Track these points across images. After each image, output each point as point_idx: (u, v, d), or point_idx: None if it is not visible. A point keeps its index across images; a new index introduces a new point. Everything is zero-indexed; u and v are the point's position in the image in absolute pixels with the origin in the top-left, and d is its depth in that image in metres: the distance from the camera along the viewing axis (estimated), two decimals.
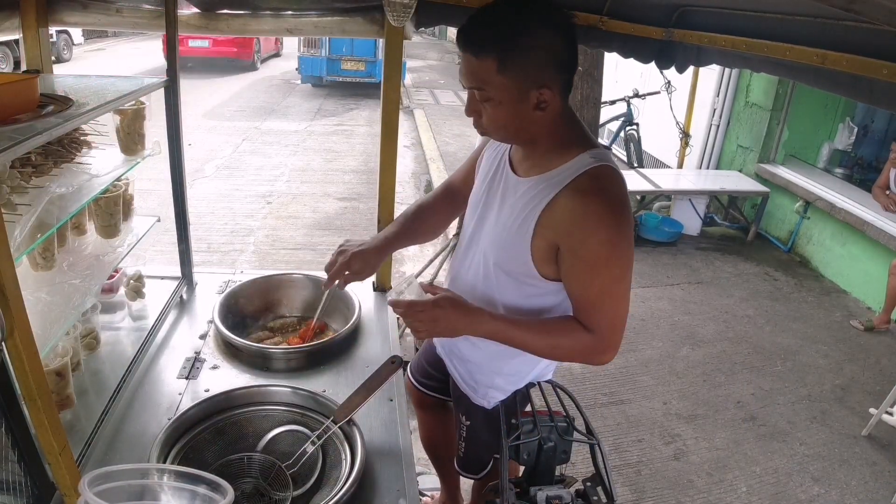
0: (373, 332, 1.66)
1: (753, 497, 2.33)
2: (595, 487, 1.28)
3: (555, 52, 1.02)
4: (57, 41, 10.92)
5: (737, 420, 2.76)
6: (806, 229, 4.53)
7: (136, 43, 14.35)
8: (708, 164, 5.40)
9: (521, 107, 1.05)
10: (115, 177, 1.34)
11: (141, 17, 1.59)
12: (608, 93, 5.05)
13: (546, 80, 1.03)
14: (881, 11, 0.62)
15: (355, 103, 9.59)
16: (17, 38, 1.43)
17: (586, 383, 2.97)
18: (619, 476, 2.37)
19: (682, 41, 1.41)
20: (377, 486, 1.16)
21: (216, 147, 6.68)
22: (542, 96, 1.04)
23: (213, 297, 1.74)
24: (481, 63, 1.01)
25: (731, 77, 5.08)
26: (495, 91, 1.03)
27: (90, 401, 1.28)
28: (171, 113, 1.55)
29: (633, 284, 1.37)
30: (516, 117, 1.07)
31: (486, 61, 1.00)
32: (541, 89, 1.03)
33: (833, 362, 3.26)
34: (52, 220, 1.10)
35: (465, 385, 1.40)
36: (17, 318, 0.81)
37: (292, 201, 5.27)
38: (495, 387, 1.35)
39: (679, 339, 3.41)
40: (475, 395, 1.38)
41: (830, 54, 0.97)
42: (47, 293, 1.19)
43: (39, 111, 1.00)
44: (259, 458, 1.17)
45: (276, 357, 1.50)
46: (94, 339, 1.42)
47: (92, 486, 0.82)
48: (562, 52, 1.03)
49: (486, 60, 1.00)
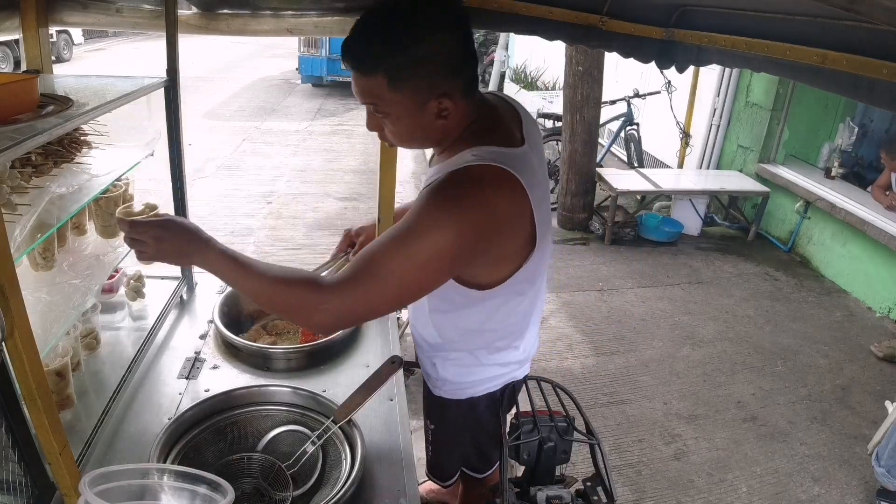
0: (373, 332, 1.66)
1: (754, 497, 2.33)
2: (595, 487, 1.28)
3: (449, 56, 0.95)
4: (57, 41, 10.94)
5: (737, 420, 2.76)
6: (806, 229, 4.53)
7: (136, 43, 14.35)
8: (708, 164, 5.40)
9: (421, 118, 0.99)
10: (115, 177, 1.34)
11: (141, 17, 1.59)
12: (608, 93, 5.05)
13: (444, 89, 0.96)
14: (881, 11, 0.62)
15: (355, 103, 9.47)
16: (17, 38, 1.43)
17: (586, 383, 2.97)
18: (619, 476, 2.37)
19: (683, 41, 1.41)
20: (377, 486, 1.16)
21: (216, 147, 6.68)
22: (442, 105, 0.97)
23: (213, 297, 1.74)
24: (371, 80, 0.95)
25: (731, 77, 5.07)
26: (390, 107, 0.97)
27: (90, 401, 1.28)
28: (171, 113, 1.55)
29: (633, 284, 1.37)
30: (418, 128, 1.01)
31: (375, 78, 0.94)
32: (440, 99, 0.97)
33: (833, 362, 3.26)
34: (52, 220, 1.10)
35: (424, 372, 1.38)
36: (18, 318, 0.81)
37: (292, 201, 5.27)
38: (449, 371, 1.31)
39: (679, 339, 3.41)
40: (430, 382, 1.36)
41: (830, 54, 0.97)
42: (47, 293, 1.19)
43: (39, 111, 1.00)
44: (259, 458, 1.17)
45: (276, 357, 1.50)
46: (94, 339, 1.42)
47: (92, 486, 0.82)
48: (457, 54, 0.97)
49: (375, 78, 0.94)
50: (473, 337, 1.25)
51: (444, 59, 0.95)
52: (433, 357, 1.33)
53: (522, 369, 1.37)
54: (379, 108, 0.99)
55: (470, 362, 1.28)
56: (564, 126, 4.78)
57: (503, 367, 1.31)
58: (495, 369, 1.31)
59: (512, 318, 1.21)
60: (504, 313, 1.19)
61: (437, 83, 0.96)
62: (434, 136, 1.05)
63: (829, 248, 4.30)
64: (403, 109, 0.98)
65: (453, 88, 0.98)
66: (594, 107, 4.68)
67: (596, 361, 3.17)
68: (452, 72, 0.97)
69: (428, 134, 1.03)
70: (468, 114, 1.04)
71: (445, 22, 0.95)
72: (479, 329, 1.22)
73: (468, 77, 1.00)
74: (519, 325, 1.26)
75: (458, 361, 1.29)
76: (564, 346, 3.27)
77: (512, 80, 9.87)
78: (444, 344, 1.28)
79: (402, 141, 1.06)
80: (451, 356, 1.29)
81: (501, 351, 1.28)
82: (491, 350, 1.27)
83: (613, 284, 3.96)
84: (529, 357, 1.37)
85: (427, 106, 0.97)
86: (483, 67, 11.22)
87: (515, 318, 1.22)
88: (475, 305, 1.16)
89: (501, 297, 1.14)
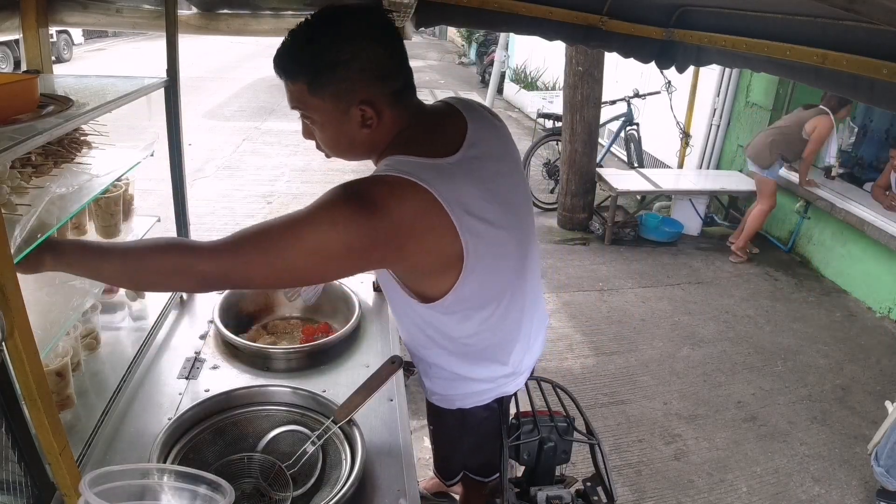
0: (373, 332, 1.66)
1: (754, 497, 2.33)
2: (595, 487, 1.28)
3: (371, 63, 0.96)
4: (57, 41, 10.94)
5: (737, 420, 2.76)
6: (806, 229, 4.53)
7: (136, 43, 14.35)
8: (708, 164, 5.40)
9: (345, 126, 1.00)
10: (115, 177, 1.34)
11: (141, 17, 1.59)
12: (608, 93, 5.06)
13: (366, 96, 0.97)
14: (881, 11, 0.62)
15: None
16: (17, 38, 1.43)
17: (586, 383, 2.97)
18: (619, 476, 2.37)
19: (683, 41, 1.41)
20: (377, 486, 1.16)
21: (216, 147, 6.68)
22: (366, 113, 0.98)
23: (213, 296, 1.74)
24: (295, 86, 0.98)
25: (731, 77, 5.08)
26: (314, 113, 1.00)
27: (90, 401, 1.28)
28: (171, 113, 1.55)
29: (633, 284, 1.37)
30: (343, 136, 1.02)
31: (297, 84, 0.98)
32: (361, 106, 0.97)
33: (833, 362, 3.26)
34: (52, 220, 1.10)
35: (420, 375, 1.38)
36: (18, 318, 0.81)
37: (292, 201, 5.27)
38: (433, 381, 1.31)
39: (679, 339, 3.41)
40: (423, 388, 1.36)
41: (830, 54, 0.97)
42: (47, 293, 1.19)
43: (39, 111, 1.00)
44: (259, 458, 1.17)
45: (276, 357, 1.50)
46: (94, 340, 1.42)
47: (92, 486, 0.82)
48: (381, 62, 0.97)
49: (297, 84, 0.98)
50: (444, 350, 1.22)
51: (365, 66, 0.95)
52: (419, 365, 1.33)
53: (514, 383, 1.32)
54: (305, 114, 1.02)
55: (449, 376, 1.27)
56: (564, 126, 4.78)
57: (489, 382, 1.28)
58: (480, 384, 1.28)
59: (484, 333, 1.18)
60: (471, 328, 1.16)
61: (359, 90, 0.97)
62: (360, 147, 1.05)
63: (829, 248, 4.30)
64: (326, 115, 1.00)
65: (377, 96, 0.98)
66: (594, 107, 4.68)
67: (596, 361, 3.17)
68: (376, 79, 0.97)
69: (353, 143, 1.04)
70: (396, 123, 1.03)
71: (369, 31, 0.97)
72: (447, 342, 1.20)
73: (395, 86, 1.01)
74: (498, 338, 1.21)
75: (439, 374, 1.28)
76: (564, 346, 3.27)
77: (512, 80, 9.88)
78: (421, 356, 1.28)
79: (332, 149, 1.07)
80: (432, 368, 1.28)
81: (484, 365, 1.24)
82: (470, 365, 1.24)
83: (613, 284, 3.96)
84: (521, 371, 1.31)
85: (350, 113, 0.98)
86: (483, 67, 11.24)
87: (488, 333, 1.18)
88: (432, 318, 1.15)
89: (458, 313, 1.12)
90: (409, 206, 0.93)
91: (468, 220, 0.98)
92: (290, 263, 0.93)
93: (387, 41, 0.98)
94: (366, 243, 0.92)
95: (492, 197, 1.05)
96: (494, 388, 1.29)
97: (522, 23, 1.57)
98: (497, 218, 1.06)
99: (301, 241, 0.91)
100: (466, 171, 1.01)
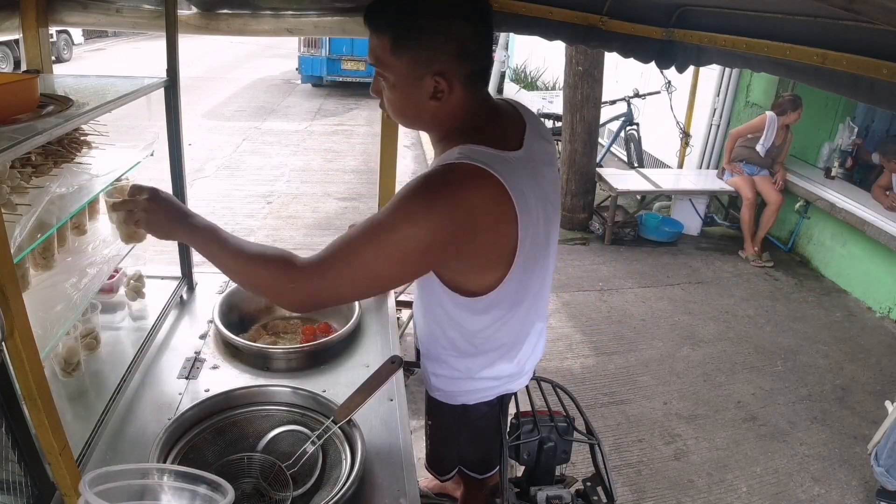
0: (373, 332, 1.66)
1: (754, 497, 2.33)
2: (595, 487, 1.29)
3: (457, 39, 0.96)
4: (57, 41, 10.94)
5: (737, 420, 2.76)
6: (806, 229, 4.53)
7: (136, 43, 14.36)
8: (708, 163, 5.40)
9: (415, 93, 1.00)
10: (115, 177, 1.34)
11: (141, 17, 1.59)
12: (608, 93, 5.06)
13: (443, 68, 0.97)
14: (881, 11, 0.62)
15: (355, 103, 9.58)
16: (17, 38, 1.43)
17: (586, 383, 2.97)
18: (619, 476, 2.37)
19: (682, 41, 1.41)
20: (377, 486, 1.16)
21: (216, 147, 6.68)
22: (439, 85, 0.98)
23: (213, 297, 1.74)
24: (379, 40, 0.98)
25: (731, 77, 5.07)
26: (389, 71, 0.99)
27: (90, 401, 1.28)
28: (171, 113, 1.55)
29: (633, 284, 1.37)
30: (410, 103, 1.02)
31: (382, 39, 0.97)
32: (436, 77, 0.97)
33: (833, 362, 3.26)
34: (52, 220, 1.10)
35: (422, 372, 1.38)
36: (17, 318, 0.81)
37: (292, 201, 5.27)
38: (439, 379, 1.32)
39: (679, 339, 3.41)
40: (426, 382, 1.36)
41: (830, 54, 0.97)
42: (47, 293, 1.19)
43: (39, 111, 1.00)
44: (259, 458, 1.17)
45: (276, 357, 1.50)
46: (94, 339, 1.42)
47: (92, 486, 0.82)
48: (468, 42, 0.97)
49: (382, 38, 0.97)
50: (459, 350, 1.23)
51: (450, 40, 0.96)
52: (426, 362, 1.33)
53: (518, 382, 1.33)
54: (380, 71, 1.01)
55: (459, 375, 1.27)
56: (564, 126, 4.79)
57: (495, 381, 1.29)
58: (486, 382, 1.28)
59: (505, 329, 1.19)
60: (495, 327, 1.17)
61: (438, 60, 0.96)
62: (424, 117, 1.05)
63: (829, 248, 4.30)
64: (400, 78, 0.99)
65: (453, 71, 0.98)
66: (594, 107, 4.69)
67: (596, 361, 3.17)
68: (456, 55, 0.97)
69: (419, 112, 1.03)
70: (464, 106, 1.03)
71: (463, 8, 0.96)
72: (465, 342, 1.21)
73: (473, 68, 1.01)
74: (513, 337, 1.23)
75: (448, 373, 1.28)
76: (564, 346, 3.27)
77: (512, 80, 9.87)
78: (434, 354, 1.28)
79: (396, 112, 1.06)
80: (441, 367, 1.28)
81: (493, 364, 1.25)
82: (481, 364, 1.25)
83: (613, 284, 3.96)
84: (525, 370, 1.33)
85: (423, 81, 0.98)
86: None
87: (509, 329, 1.20)
88: (460, 317, 1.15)
89: (495, 309, 1.13)
90: (484, 196, 0.95)
91: (525, 216, 0.99)
92: (376, 272, 0.96)
93: (477, 21, 0.98)
94: (445, 235, 0.94)
95: (543, 198, 1.07)
96: (499, 385, 1.30)
97: (522, 23, 1.57)
98: (542, 220, 1.08)
99: (385, 249, 0.93)
100: (527, 168, 1.03)
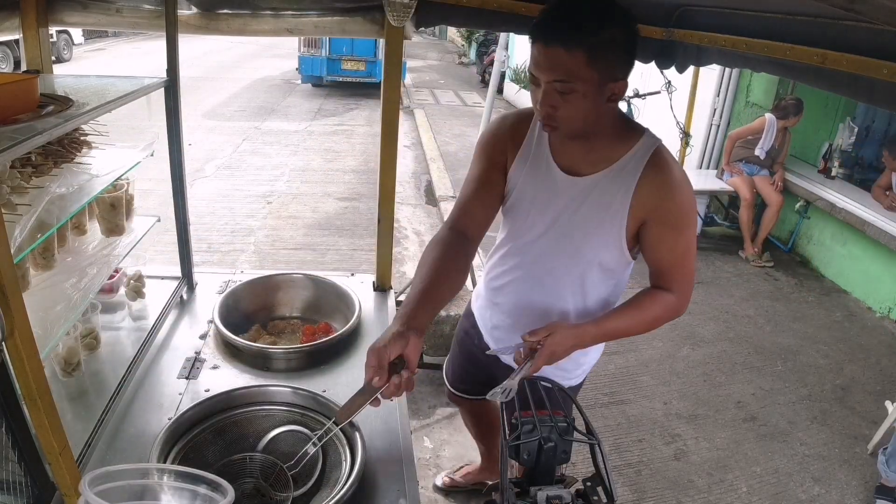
0: (373, 332, 1.66)
1: (754, 497, 2.33)
2: (595, 487, 1.28)
3: (628, 45, 1.06)
4: (57, 41, 10.94)
5: (737, 420, 2.76)
6: (806, 229, 4.53)
7: (136, 43, 14.36)
8: (708, 164, 5.40)
9: (598, 99, 1.07)
10: (115, 177, 1.34)
11: (141, 17, 1.59)
12: None
13: (623, 74, 1.07)
14: (881, 11, 0.62)
15: (355, 103, 9.59)
16: (17, 38, 1.43)
17: (586, 383, 2.95)
18: (619, 476, 2.37)
19: (683, 41, 1.40)
20: (377, 486, 1.16)
21: (216, 147, 6.68)
22: (617, 88, 1.07)
23: (213, 297, 1.74)
24: (571, 56, 1.01)
25: (731, 77, 5.07)
26: (581, 84, 1.04)
27: (90, 401, 1.28)
28: (171, 113, 1.55)
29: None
30: (593, 110, 1.08)
31: (576, 54, 1.01)
32: (617, 82, 1.06)
33: (833, 362, 3.26)
34: (52, 220, 1.10)
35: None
36: (17, 318, 0.81)
37: (292, 201, 5.27)
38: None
39: (679, 339, 3.40)
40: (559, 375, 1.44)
41: (830, 54, 0.97)
42: (47, 293, 1.19)
43: (39, 111, 1.00)
44: (260, 458, 1.17)
45: (276, 357, 1.50)
46: (94, 339, 1.42)
47: (92, 485, 0.82)
48: (630, 46, 1.07)
49: (576, 53, 1.01)
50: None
51: (626, 47, 1.05)
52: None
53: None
54: (567, 84, 1.04)
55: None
56: None
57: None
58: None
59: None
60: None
61: (619, 68, 1.06)
62: (597, 120, 1.12)
63: (829, 248, 4.30)
64: (592, 88, 1.05)
65: (626, 76, 1.09)
66: None
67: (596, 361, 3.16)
68: (627, 62, 1.07)
69: (598, 116, 1.11)
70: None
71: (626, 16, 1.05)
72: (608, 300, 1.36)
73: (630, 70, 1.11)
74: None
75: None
76: None
77: (512, 80, 9.88)
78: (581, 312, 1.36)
79: (572, 121, 1.10)
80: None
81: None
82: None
83: None
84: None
85: (605, 87, 1.06)
86: (483, 67, 11.24)
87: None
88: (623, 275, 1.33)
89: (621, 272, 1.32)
90: None
91: None
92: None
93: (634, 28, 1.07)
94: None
95: None
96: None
97: (522, 23, 1.56)
98: None
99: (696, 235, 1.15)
100: None
